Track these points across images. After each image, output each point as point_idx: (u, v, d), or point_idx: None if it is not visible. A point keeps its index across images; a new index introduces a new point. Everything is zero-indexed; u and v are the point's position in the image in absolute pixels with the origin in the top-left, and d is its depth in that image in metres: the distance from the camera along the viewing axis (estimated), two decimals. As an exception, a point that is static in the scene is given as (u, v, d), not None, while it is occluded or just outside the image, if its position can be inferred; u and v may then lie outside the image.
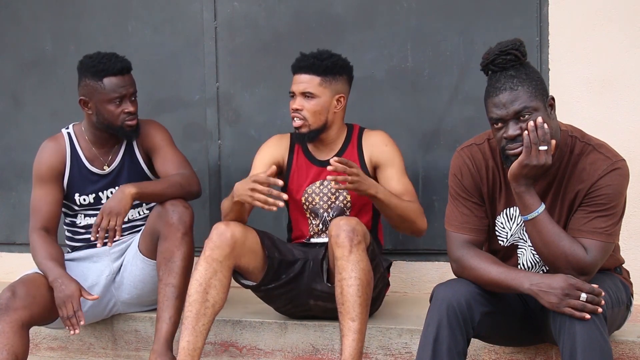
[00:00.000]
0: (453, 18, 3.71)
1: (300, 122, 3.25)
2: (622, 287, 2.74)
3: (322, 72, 3.23)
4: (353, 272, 2.92)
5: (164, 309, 3.23)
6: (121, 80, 3.36)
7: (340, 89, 3.27)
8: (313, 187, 3.32)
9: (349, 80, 3.32)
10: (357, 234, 2.95)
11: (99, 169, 3.47)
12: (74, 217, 3.53)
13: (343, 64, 3.29)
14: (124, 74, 3.38)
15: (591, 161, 2.59)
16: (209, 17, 4.08)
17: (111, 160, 3.49)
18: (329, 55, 3.27)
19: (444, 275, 3.51)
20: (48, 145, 3.48)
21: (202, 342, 3.01)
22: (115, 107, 3.36)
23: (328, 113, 3.26)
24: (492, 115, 2.56)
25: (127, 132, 3.41)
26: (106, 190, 3.47)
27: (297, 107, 3.24)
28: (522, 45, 2.58)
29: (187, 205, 3.31)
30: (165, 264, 3.26)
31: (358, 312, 2.92)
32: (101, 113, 3.38)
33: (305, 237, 3.37)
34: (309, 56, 3.27)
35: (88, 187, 3.47)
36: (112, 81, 3.35)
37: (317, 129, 3.26)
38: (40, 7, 4.37)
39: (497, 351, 3.04)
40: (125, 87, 3.37)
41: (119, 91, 3.35)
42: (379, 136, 3.34)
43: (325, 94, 3.24)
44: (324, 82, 3.24)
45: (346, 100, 3.32)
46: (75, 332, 3.17)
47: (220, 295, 3.04)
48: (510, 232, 2.73)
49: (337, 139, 3.34)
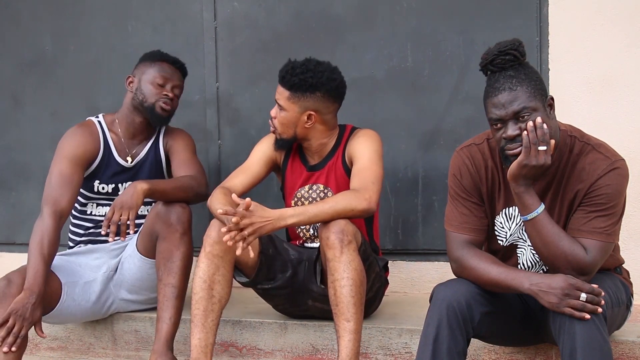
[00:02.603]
0: (453, 18, 3.72)
1: (272, 128, 3.27)
2: (622, 287, 2.74)
3: (290, 88, 3.17)
4: (345, 272, 2.92)
5: (164, 309, 3.24)
6: (171, 69, 3.52)
7: (310, 106, 3.18)
8: (302, 191, 3.32)
9: (328, 95, 3.19)
10: (346, 234, 2.94)
11: (124, 160, 3.51)
12: (84, 206, 3.54)
13: (314, 82, 3.14)
14: (177, 66, 3.54)
15: (590, 161, 2.59)
16: (209, 17, 4.08)
17: (136, 153, 3.53)
18: (303, 71, 3.15)
19: (444, 275, 3.51)
20: (81, 130, 3.49)
21: (213, 338, 3.02)
22: (156, 88, 3.47)
23: (296, 127, 3.22)
24: (491, 115, 2.56)
25: (158, 114, 3.47)
26: (125, 182, 3.51)
27: (272, 114, 3.25)
28: (521, 46, 2.58)
29: (185, 205, 3.32)
30: (165, 264, 3.26)
31: (353, 313, 2.91)
32: (141, 89, 3.48)
33: (299, 241, 3.37)
34: (286, 67, 3.19)
35: (111, 177, 3.49)
36: (163, 66, 3.51)
37: (287, 139, 3.25)
38: (40, 7, 4.37)
39: (497, 351, 3.04)
40: (172, 76, 3.51)
41: (165, 74, 3.49)
42: (359, 133, 3.27)
43: (293, 110, 3.19)
44: (292, 98, 3.18)
45: (322, 115, 3.21)
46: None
47: (225, 289, 3.05)
48: (510, 232, 2.73)
49: (325, 146, 3.30)
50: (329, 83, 3.18)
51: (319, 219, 2.97)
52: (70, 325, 3.63)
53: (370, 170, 3.11)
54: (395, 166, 3.78)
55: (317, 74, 3.16)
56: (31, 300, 3.14)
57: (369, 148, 3.18)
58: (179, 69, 3.56)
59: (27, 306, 3.14)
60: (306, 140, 3.28)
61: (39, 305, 3.17)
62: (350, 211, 2.99)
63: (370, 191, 3.03)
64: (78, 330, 3.63)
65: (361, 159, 3.16)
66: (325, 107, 3.21)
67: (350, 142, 3.26)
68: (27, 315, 3.13)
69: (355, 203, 2.99)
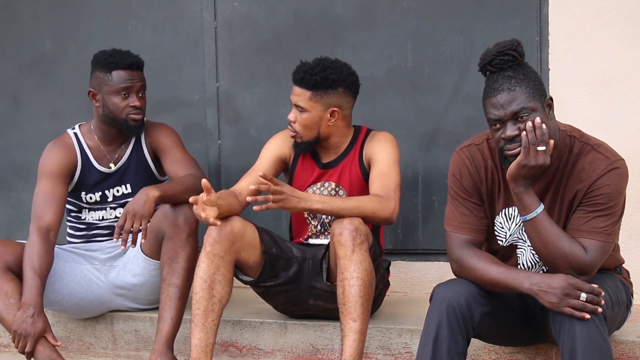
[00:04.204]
0: (453, 18, 3.71)
1: (292, 133, 3.26)
2: (622, 287, 2.74)
3: (312, 87, 3.17)
4: (355, 272, 2.92)
5: (166, 309, 3.24)
6: (129, 74, 3.40)
7: (333, 103, 3.21)
8: (313, 188, 3.32)
9: (348, 90, 3.23)
10: (360, 233, 2.95)
11: (106, 167, 3.49)
12: (78, 212, 3.55)
13: (336, 78, 3.18)
14: (133, 69, 3.41)
15: (590, 161, 2.59)
16: (209, 17, 4.08)
17: (118, 157, 3.50)
18: (322, 69, 3.18)
19: (444, 275, 3.51)
20: (57, 145, 3.48)
21: (213, 337, 3.02)
22: (121, 100, 3.39)
23: (320, 127, 3.23)
24: (490, 116, 2.56)
25: (131, 126, 3.42)
26: (112, 188, 3.50)
27: (290, 118, 3.24)
28: (520, 46, 2.58)
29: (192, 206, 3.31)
30: (170, 264, 3.26)
31: (359, 313, 2.91)
32: (107, 105, 3.40)
33: (304, 236, 3.36)
34: (302, 69, 3.21)
35: (95, 185, 3.49)
36: (120, 74, 3.39)
37: (309, 141, 3.25)
38: (40, 7, 4.37)
39: (497, 351, 3.04)
40: (133, 81, 3.40)
41: (125, 84, 3.39)
42: (378, 135, 3.31)
43: (316, 109, 3.20)
44: (315, 97, 3.19)
45: (343, 111, 3.25)
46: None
47: (226, 289, 3.05)
48: (509, 232, 2.73)
49: (341, 144, 3.32)
50: (349, 78, 3.23)
51: (342, 213, 3.00)
52: (71, 325, 3.63)
53: (392, 177, 3.15)
54: (395, 166, 3.78)
55: (336, 70, 3.20)
56: (29, 313, 3.17)
57: (390, 153, 3.22)
58: (136, 67, 3.43)
59: (27, 321, 3.17)
60: (326, 140, 3.28)
61: (39, 316, 3.19)
62: (372, 215, 3.04)
63: (394, 201, 3.08)
64: (78, 330, 3.63)
65: (382, 162, 3.19)
66: (346, 102, 3.25)
67: (368, 144, 3.28)
68: (29, 330, 3.16)
69: (379, 210, 3.04)
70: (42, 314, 3.21)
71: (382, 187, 3.11)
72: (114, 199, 3.51)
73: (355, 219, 2.99)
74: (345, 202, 3.04)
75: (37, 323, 3.18)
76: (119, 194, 3.51)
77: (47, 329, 3.22)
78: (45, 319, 3.22)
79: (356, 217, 3.01)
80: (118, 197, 3.51)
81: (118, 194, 3.51)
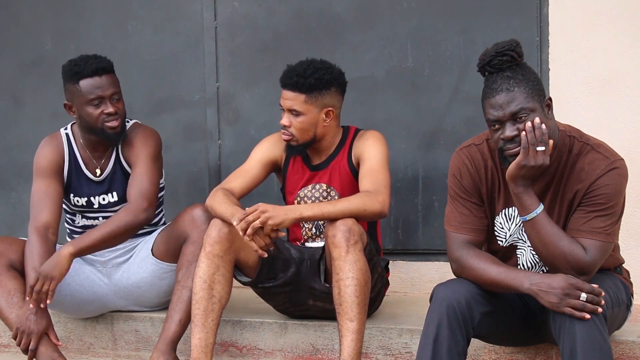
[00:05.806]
0: (453, 18, 3.72)
1: (288, 137, 3.24)
2: (622, 287, 2.74)
3: (307, 90, 3.17)
4: (350, 272, 2.92)
5: (176, 310, 3.24)
6: (97, 82, 3.29)
7: (328, 103, 3.21)
8: (305, 191, 3.32)
9: (339, 90, 3.24)
10: (353, 233, 2.94)
11: (92, 173, 3.46)
12: (73, 215, 3.54)
13: (329, 78, 3.19)
14: (100, 75, 3.30)
15: (589, 161, 2.59)
16: (209, 17, 4.08)
17: (104, 165, 3.46)
18: (314, 71, 3.17)
19: (444, 275, 3.51)
20: (47, 142, 3.48)
21: (213, 337, 3.03)
22: (94, 109, 3.31)
23: (316, 128, 3.22)
24: (489, 116, 2.56)
25: (109, 134, 3.35)
26: (98, 196, 3.46)
27: (284, 123, 3.22)
28: (519, 46, 2.58)
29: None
30: (187, 267, 3.25)
31: (356, 313, 2.92)
32: (82, 116, 3.34)
33: (300, 240, 3.37)
34: (293, 73, 3.19)
35: (83, 189, 3.46)
36: (88, 83, 3.29)
37: (305, 143, 3.25)
38: (40, 7, 4.37)
39: (497, 351, 3.04)
40: (102, 89, 3.30)
41: (95, 93, 3.29)
42: (366, 134, 3.29)
43: (312, 111, 3.19)
44: (309, 99, 3.18)
45: (337, 110, 3.26)
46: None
47: (226, 289, 3.06)
48: (509, 232, 2.73)
49: (331, 145, 3.31)
50: (340, 77, 3.25)
51: (333, 216, 2.98)
52: (71, 325, 3.63)
53: (381, 174, 3.14)
54: (395, 166, 3.78)
55: (327, 70, 3.21)
56: (32, 311, 3.17)
57: (378, 151, 3.21)
58: (103, 72, 3.31)
59: (31, 318, 3.17)
60: (320, 141, 3.28)
61: (43, 314, 3.20)
62: (363, 212, 3.02)
63: (383, 195, 3.07)
64: (78, 330, 3.63)
65: (370, 160, 3.18)
66: (338, 100, 3.26)
67: (357, 142, 3.27)
68: (32, 328, 3.17)
69: (369, 205, 3.02)
70: (46, 311, 3.21)
71: (372, 184, 3.11)
72: (99, 206, 3.47)
73: (348, 219, 2.98)
74: (335, 204, 3.02)
75: (40, 321, 3.19)
76: (105, 202, 3.46)
77: (50, 326, 3.22)
78: (49, 317, 3.23)
79: (350, 218, 3.00)
80: (104, 205, 3.46)
81: (104, 202, 3.46)
